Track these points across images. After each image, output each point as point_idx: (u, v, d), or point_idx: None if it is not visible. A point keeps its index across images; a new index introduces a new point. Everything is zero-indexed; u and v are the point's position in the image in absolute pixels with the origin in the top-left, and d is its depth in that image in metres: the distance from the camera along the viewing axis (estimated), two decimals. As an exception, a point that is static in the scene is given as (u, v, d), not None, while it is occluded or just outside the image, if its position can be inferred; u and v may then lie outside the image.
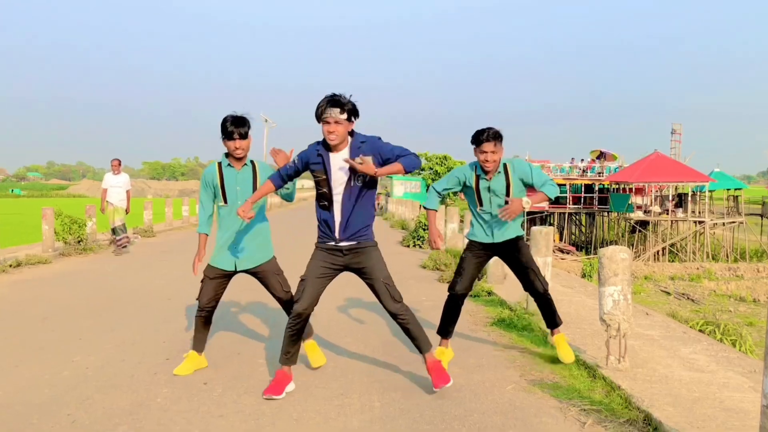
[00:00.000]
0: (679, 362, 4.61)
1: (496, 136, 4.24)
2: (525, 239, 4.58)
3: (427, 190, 4.70)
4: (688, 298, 19.35)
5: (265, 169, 4.33)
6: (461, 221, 14.13)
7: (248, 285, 5.11)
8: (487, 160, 4.26)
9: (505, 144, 4.37)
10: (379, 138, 3.86)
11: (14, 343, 5.19)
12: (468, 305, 6.71)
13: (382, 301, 3.94)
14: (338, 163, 3.79)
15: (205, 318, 4.44)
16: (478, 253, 4.54)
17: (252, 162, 4.32)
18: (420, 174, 46.81)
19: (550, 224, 35.24)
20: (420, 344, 4.02)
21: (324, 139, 3.79)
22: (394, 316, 3.95)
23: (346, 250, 3.88)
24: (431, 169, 48.70)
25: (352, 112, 3.71)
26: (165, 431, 3.40)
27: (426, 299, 7.38)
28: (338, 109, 3.64)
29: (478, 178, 4.40)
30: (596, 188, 35.45)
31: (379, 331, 5.78)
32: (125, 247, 12.15)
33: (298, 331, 3.94)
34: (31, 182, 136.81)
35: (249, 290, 6.76)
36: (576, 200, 35.70)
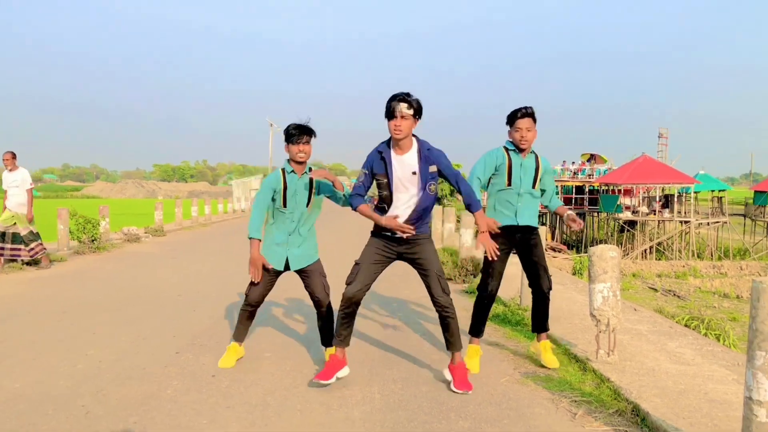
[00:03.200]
0: (665, 356, 4.61)
1: (531, 114, 4.08)
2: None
3: None
4: (675, 294, 19.33)
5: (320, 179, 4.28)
6: (458, 221, 14.12)
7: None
8: (523, 137, 4.08)
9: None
10: (443, 153, 3.85)
11: (31, 338, 5.19)
12: (464, 301, 6.70)
13: (432, 293, 3.89)
14: (403, 162, 3.76)
15: (250, 312, 4.44)
16: (502, 246, 4.21)
17: (310, 169, 4.27)
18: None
19: (543, 224, 35.21)
20: (454, 342, 3.96)
21: (387, 140, 3.80)
22: (441, 308, 3.90)
23: (403, 240, 3.85)
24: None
25: (418, 110, 3.70)
26: (175, 421, 3.40)
27: (425, 292, 7.37)
28: (406, 105, 3.63)
29: (509, 156, 4.21)
30: (587, 189, 35.49)
31: (379, 326, 5.77)
32: (38, 257, 9.26)
33: (350, 314, 3.90)
34: (47, 184, 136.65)
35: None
36: (567, 201, 35.67)
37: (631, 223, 31.24)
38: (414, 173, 3.76)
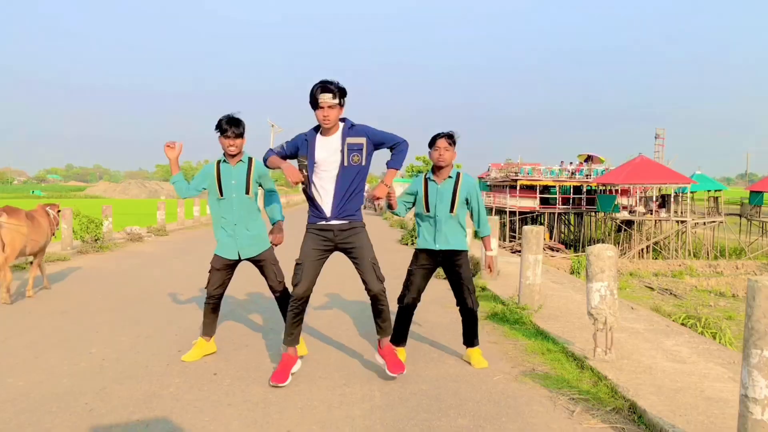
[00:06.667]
0: (662, 354, 4.61)
1: (449, 136, 4.30)
2: (468, 256, 4.46)
3: None
4: (671, 293, 19.34)
5: (260, 168, 4.38)
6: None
7: (255, 279, 5.11)
8: (441, 156, 4.26)
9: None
10: (367, 125, 3.93)
11: (35, 336, 5.18)
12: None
13: (366, 281, 3.92)
14: (327, 145, 3.84)
15: (213, 305, 4.55)
16: (423, 264, 4.43)
17: (249, 159, 4.39)
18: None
19: (541, 224, 35.21)
20: (385, 328, 4.07)
21: (315, 126, 3.90)
22: (374, 297, 3.94)
23: (337, 229, 3.89)
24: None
25: (342, 95, 3.78)
26: (177, 419, 3.40)
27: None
28: (330, 95, 3.71)
29: (427, 183, 4.40)
30: (584, 189, 35.47)
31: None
32: None
33: (299, 312, 3.97)
34: (51, 184, 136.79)
35: (255, 284, 6.77)
36: (565, 201, 35.71)
37: (628, 223, 31.25)
38: (340, 151, 3.82)
